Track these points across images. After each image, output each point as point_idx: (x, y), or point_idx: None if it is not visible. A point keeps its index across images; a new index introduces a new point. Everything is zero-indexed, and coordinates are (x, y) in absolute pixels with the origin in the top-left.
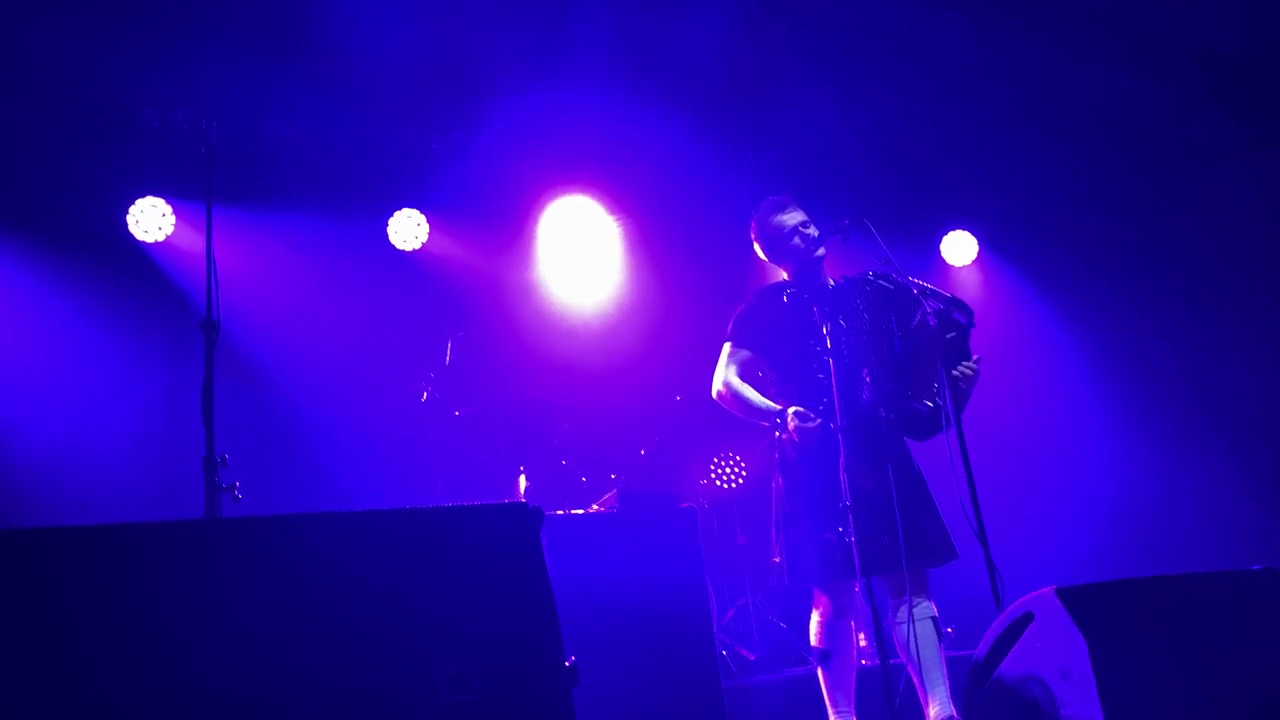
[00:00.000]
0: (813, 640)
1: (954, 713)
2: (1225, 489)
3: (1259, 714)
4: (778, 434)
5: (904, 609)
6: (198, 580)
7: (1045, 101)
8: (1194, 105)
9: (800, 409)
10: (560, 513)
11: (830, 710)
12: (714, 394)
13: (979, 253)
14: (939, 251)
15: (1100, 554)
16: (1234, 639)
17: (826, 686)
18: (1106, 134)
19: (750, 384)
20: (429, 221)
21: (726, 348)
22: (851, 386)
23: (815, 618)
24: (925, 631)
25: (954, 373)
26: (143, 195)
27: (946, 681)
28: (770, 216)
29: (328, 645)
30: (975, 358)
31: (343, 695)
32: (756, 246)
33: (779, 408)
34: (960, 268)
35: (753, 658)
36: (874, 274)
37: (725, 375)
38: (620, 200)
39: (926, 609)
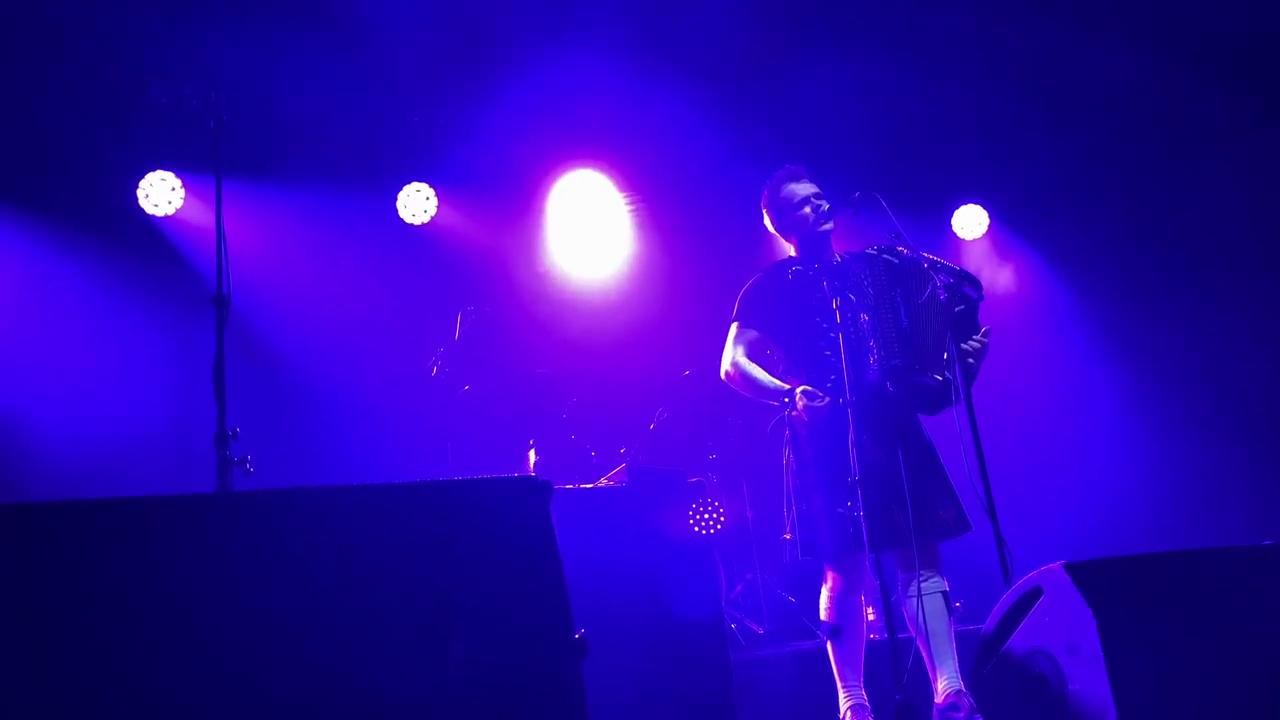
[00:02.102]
0: (822, 615)
1: (962, 687)
2: (1236, 467)
3: (1266, 689)
4: (787, 412)
5: (914, 583)
6: (209, 553)
7: (1058, 77)
8: (1208, 83)
9: (809, 388)
10: (569, 487)
11: (839, 684)
12: (722, 375)
13: (990, 227)
14: (950, 225)
15: (1109, 529)
16: (1243, 614)
17: (836, 661)
18: (1119, 111)
19: (759, 363)
20: (437, 195)
21: (733, 328)
22: (860, 362)
23: (825, 592)
24: (934, 606)
25: (963, 346)
26: (152, 169)
27: (955, 656)
28: (782, 186)
29: (337, 618)
30: (984, 330)
31: (352, 667)
32: (766, 217)
33: (788, 386)
34: (971, 241)
35: (761, 631)
36: (879, 249)
37: (733, 356)
38: (630, 175)
39: (936, 583)
